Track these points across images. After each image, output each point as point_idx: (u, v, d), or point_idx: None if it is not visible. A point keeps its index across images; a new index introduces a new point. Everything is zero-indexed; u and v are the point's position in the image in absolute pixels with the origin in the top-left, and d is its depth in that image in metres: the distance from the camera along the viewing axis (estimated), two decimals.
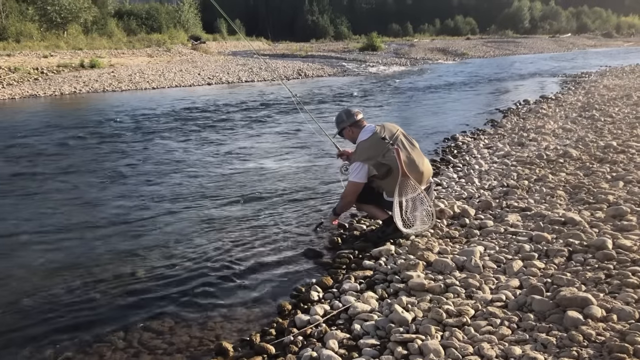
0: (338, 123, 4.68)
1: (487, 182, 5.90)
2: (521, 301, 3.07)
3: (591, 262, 3.50)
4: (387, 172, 4.32)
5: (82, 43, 33.96)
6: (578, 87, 16.22)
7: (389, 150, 4.30)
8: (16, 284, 3.98)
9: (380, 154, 4.31)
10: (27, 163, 7.92)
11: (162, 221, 5.31)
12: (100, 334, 3.28)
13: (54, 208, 5.80)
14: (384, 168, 4.32)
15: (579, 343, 2.58)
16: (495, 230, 4.34)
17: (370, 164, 4.33)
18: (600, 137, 7.70)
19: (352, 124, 4.59)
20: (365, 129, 4.53)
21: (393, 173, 4.29)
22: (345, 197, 4.63)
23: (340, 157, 4.99)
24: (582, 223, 4.21)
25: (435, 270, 3.69)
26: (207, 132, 10.51)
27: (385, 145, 4.32)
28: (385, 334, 2.92)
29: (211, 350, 3.06)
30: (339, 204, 4.79)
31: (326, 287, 3.70)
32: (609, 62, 28.33)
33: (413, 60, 36.72)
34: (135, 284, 3.94)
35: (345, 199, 4.63)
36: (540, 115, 10.72)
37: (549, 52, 44.84)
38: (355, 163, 4.41)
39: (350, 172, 4.49)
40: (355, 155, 4.48)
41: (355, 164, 4.41)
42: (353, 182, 4.45)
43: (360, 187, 4.46)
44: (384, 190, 4.47)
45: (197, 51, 40.24)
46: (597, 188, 5.17)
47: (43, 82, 19.43)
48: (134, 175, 7.17)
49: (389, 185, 4.35)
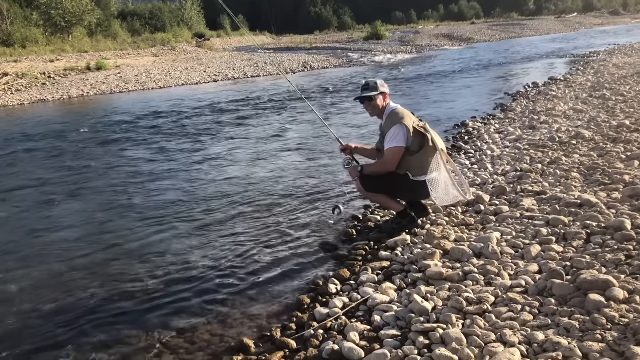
0: (381, 86, 4.34)
1: (500, 167, 5.86)
2: (541, 286, 3.05)
3: (610, 243, 3.47)
4: (421, 144, 4.14)
5: (87, 46, 34.08)
6: (587, 67, 16.04)
7: (420, 122, 4.22)
8: (37, 288, 4.01)
9: (415, 121, 4.19)
10: (50, 165, 7.98)
11: (177, 220, 5.34)
12: (121, 335, 3.31)
13: (72, 211, 5.85)
14: (418, 138, 4.14)
15: (602, 326, 2.56)
16: (511, 216, 4.31)
17: (408, 126, 4.11)
18: (612, 117, 7.61)
19: (389, 94, 4.41)
20: (392, 104, 4.38)
21: (426, 146, 4.13)
22: (384, 164, 4.27)
23: (344, 151, 4.67)
24: (599, 204, 4.17)
25: (452, 259, 3.68)
26: (217, 130, 10.52)
27: (415, 118, 4.26)
28: (406, 324, 2.92)
29: (232, 347, 3.07)
30: (371, 165, 4.44)
31: (344, 280, 3.69)
32: (618, 40, 27.99)
33: (419, 47, 36.48)
34: (153, 285, 3.96)
35: (385, 165, 4.26)
36: (550, 97, 10.62)
37: (556, 33, 44.35)
38: (393, 127, 4.16)
39: (388, 139, 4.20)
40: (390, 121, 4.22)
41: (394, 128, 4.15)
42: (394, 147, 4.15)
43: (401, 152, 4.15)
44: (409, 168, 4.21)
45: (201, 48, 40.22)
46: (612, 168, 5.11)
47: (51, 87, 19.53)
48: (148, 175, 7.20)
49: (419, 161, 4.14)
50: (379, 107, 4.36)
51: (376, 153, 4.55)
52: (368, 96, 4.32)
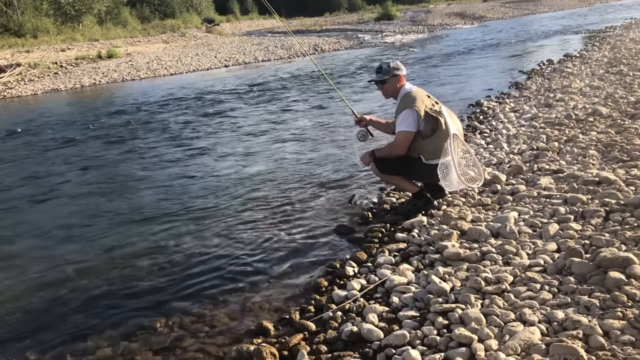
0: (394, 69, 4.30)
1: (516, 146, 5.80)
2: (560, 265, 3.04)
3: (630, 220, 3.43)
4: (433, 128, 4.12)
5: (97, 34, 34.12)
6: (603, 42, 15.76)
7: (435, 105, 4.21)
8: (56, 275, 4.07)
9: (428, 105, 4.17)
10: (64, 153, 8.06)
11: (193, 206, 5.37)
12: (141, 321, 3.35)
13: (89, 196, 5.91)
14: (431, 122, 4.12)
15: (623, 303, 2.54)
16: (528, 195, 4.28)
17: (420, 111, 4.10)
18: (630, 93, 7.48)
19: (404, 76, 4.36)
20: (407, 85, 4.36)
21: (439, 130, 4.11)
22: (394, 148, 4.29)
23: (358, 123, 4.69)
24: (618, 182, 4.12)
25: (470, 239, 3.67)
26: (230, 116, 10.53)
27: (431, 100, 4.23)
28: (424, 305, 2.92)
29: (252, 330, 3.09)
30: (382, 148, 4.46)
31: (361, 262, 3.70)
32: (635, 14, 27.42)
33: (430, 26, 36.04)
34: (172, 271, 4.00)
35: (395, 149, 4.28)
36: (566, 74, 10.47)
37: (570, 8, 43.51)
38: (405, 111, 4.15)
39: (398, 122, 4.21)
40: (402, 104, 4.22)
41: (405, 112, 4.15)
42: (404, 131, 4.16)
43: (411, 137, 4.17)
44: (422, 152, 4.21)
45: (211, 34, 40.11)
46: (631, 145, 5.04)
47: (63, 76, 19.62)
48: (165, 162, 7.24)
49: (432, 144, 4.13)
50: (392, 89, 4.35)
51: (391, 127, 4.54)
52: (380, 80, 4.33)
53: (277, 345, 2.84)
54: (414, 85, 4.38)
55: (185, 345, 3.06)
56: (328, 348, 2.74)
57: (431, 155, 4.17)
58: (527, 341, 2.38)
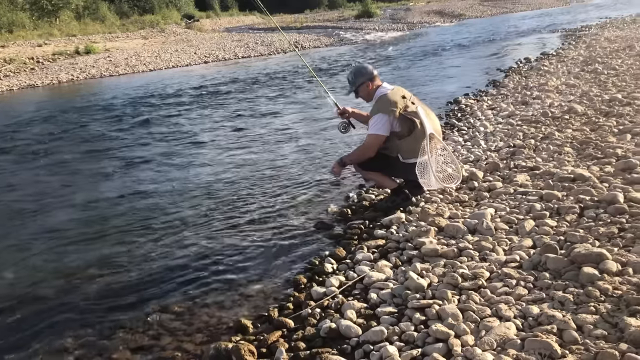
0: (357, 77, 4.41)
1: (493, 143, 5.86)
2: (536, 260, 3.08)
3: (603, 217, 3.49)
4: (410, 128, 4.18)
5: (75, 29, 33.62)
6: (579, 41, 15.97)
7: (411, 106, 4.23)
8: (33, 275, 4.02)
9: (402, 107, 4.20)
10: (42, 151, 7.93)
11: (171, 203, 5.33)
12: (119, 319, 3.32)
13: (67, 192, 5.83)
14: (407, 124, 4.18)
15: (596, 298, 2.58)
16: (505, 192, 4.32)
17: (394, 115, 4.15)
18: (604, 91, 7.60)
19: (371, 79, 4.41)
20: (383, 85, 4.41)
21: (416, 130, 4.18)
22: (362, 150, 4.38)
23: (341, 115, 4.76)
24: (592, 178, 4.19)
25: (447, 235, 3.70)
26: (209, 112, 10.47)
27: (407, 101, 4.26)
28: (402, 301, 2.94)
29: (231, 328, 3.09)
30: (351, 154, 4.51)
31: (340, 259, 3.71)
32: (609, 14, 27.84)
33: (410, 24, 36.18)
34: (150, 268, 3.98)
35: (363, 152, 4.37)
36: (542, 72, 10.59)
37: (548, 7, 44.00)
38: (377, 115, 4.21)
39: (370, 125, 4.28)
40: (376, 108, 4.28)
41: (377, 116, 4.21)
42: (374, 134, 4.24)
43: (381, 141, 4.25)
44: (400, 151, 4.29)
45: (191, 30, 39.75)
46: (605, 142, 5.12)
47: (40, 72, 19.31)
48: (142, 159, 7.17)
49: (409, 144, 4.20)
50: (365, 94, 4.46)
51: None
52: (351, 91, 4.50)
53: (256, 342, 2.84)
54: (390, 85, 4.41)
55: (164, 343, 3.04)
56: (306, 345, 2.74)
57: (408, 154, 4.24)
58: (503, 336, 2.41)
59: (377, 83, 4.42)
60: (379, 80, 4.46)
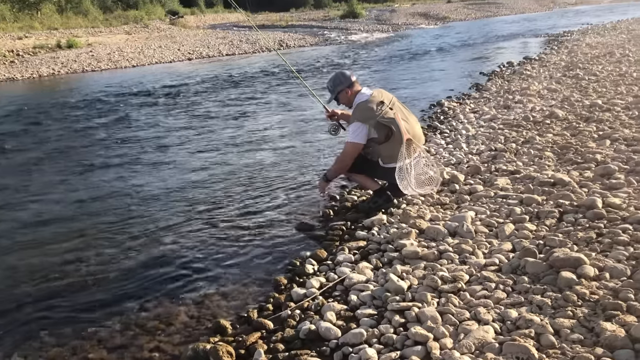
0: (336, 85, 4.47)
1: (475, 146, 5.90)
2: (515, 264, 3.10)
3: (582, 222, 3.53)
4: (387, 135, 4.23)
5: (57, 23, 33.08)
6: (561, 46, 16.17)
7: (388, 112, 4.25)
8: (10, 273, 3.95)
9: (380, 114, 4.22)
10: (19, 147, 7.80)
11: (150, 203, 5.27)
12: (96, 318, 3.27)
13: (40, 190, 5.74)
14: (384, 130, 4.22)
15: (573, 303, 2.61)
16: (486, 195, 4.35)
17: (371, 124, 4.21)
18: (585, 96, 7.70)
19: (350, 86, 4.44)
20: (362, 91, 4.45)
21: (393, 136, 4.22)
22: (342, 160, 4.45)
23: (330, 118, 4.84)
24: (572, 183, 4.24)
25: (428, 238, 3.71)
26: (192, 110, 10.39)
27: (384, 107, 4.27)
28: (382, 303, 2.94)
29: (209, 328, 3.06)
30: (332, 168, 4.60)
31: (321, 260, 3.71)
32: (590, 20, 28.21)
33: (395, 26, 36.31)
34: (128, 269, 3.92)
35: (342, 162, 4.45)
36: (525, 76, 10.70)
37: (531, 12, 44.51)
38: (355, 123, 4.27)
39: (349, 133, 4.34)
40: (354, 116, 4.34)
41: (354, 124, 4.27)
42: (352, 142, 4.30)
43: (359, 149, 4.32)
44: (380, 156, 4.35)
45: (175, 26, 39.42)
46: (585, 147, 5.19)
47: (20, 65, 18.98)
48: (120, 158, 7.09)
49: (388, 150, 4.26)
50: (345, 101, 4.52)
51: None
52: (332, 99, 4.56)
53: (234, 344, 2.81)
54: (369, 90, 4.45)
55: (141, 343, 3.00)
56: (285, 347, 2.73)
57: (388, 159, 4.31)
58: (481, 340, 2.42)
59: (357, 89, 4.46)
60: (359, 86, 4.50)
